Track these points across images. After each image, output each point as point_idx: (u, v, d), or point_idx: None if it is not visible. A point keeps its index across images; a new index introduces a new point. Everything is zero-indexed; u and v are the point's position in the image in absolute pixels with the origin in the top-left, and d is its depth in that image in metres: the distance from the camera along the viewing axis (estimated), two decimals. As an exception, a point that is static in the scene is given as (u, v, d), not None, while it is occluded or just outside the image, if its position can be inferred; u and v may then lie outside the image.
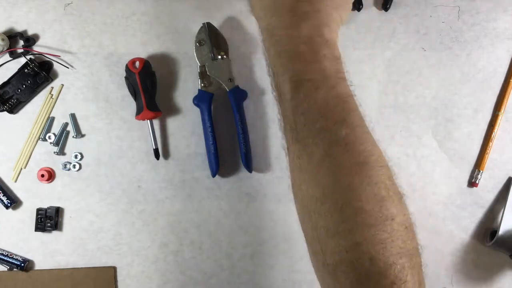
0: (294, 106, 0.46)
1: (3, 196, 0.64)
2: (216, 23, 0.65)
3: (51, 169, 0.66)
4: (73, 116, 0.66)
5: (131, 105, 0.65)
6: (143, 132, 0.66)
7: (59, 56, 0.66)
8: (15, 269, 0.65)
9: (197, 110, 0.64)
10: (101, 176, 0.66)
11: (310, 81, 0.45)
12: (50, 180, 0.65)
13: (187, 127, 0.66)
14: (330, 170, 0.43)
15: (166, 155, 0.66)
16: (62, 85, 0.66)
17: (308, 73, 0.46)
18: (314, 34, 0.47)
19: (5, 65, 0.66)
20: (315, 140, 0.44)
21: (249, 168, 0.64)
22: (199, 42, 0.64)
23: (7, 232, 0.65)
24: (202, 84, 0.64)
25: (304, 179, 0.46)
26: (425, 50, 0.66)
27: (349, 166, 0.43)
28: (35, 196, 0.66)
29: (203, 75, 0.64)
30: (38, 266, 0.65)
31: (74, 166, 0.65)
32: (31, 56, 0.65)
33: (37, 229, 0.65)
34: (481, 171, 0.65)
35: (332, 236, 0.42)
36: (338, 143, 0.44)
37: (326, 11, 0.49)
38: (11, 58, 0.65)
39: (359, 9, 0.66)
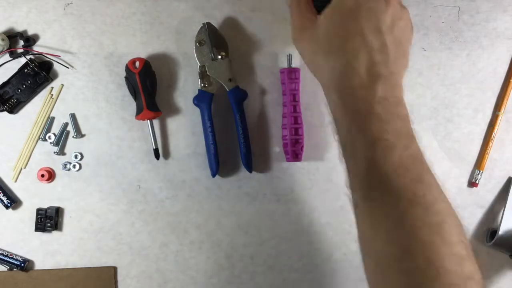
0: (369, 165, 0.46)
1: (3, 196, 0.64)
2: (216, 23, 0.65)
3: (51, 169, 0.66)
4: (73, 116, 0.66)
5: (131, 105, 0.65)
6: (143, 132, 0.65)
7: (59, 56, 0.66)
8: (15, 269, 0.65)
9: (197, 110, 0.64)
10: (101, 176, 0.66)
11: (386, 141, 0.46)
12: (50, 180, 0.65)
13: (187, 127, 0.66)
14: (410, 229, 0.44)
15: (166, 155, 0.66)
16: (62, 85, 0.66)
17: (383, 133, 0.46)
18: (389, 95, 0.48)
19: (5, 65, 0.66)
20: (391, 199, 0.45)
21: (249, 168, 0.64)
22: (199, 42, 0.63)
23: (7, 232, 0.65)
24: (202, 84, 0.64)
25: (378, 236, 0.46)
26: (425, 50, 0.66)
27: (429, 226, 0.43)
28: (35, 196, 0.65)
29: (203, 75, 0.64)
30: (38, 266, 0.65)
31: (74, 166, 0.65)
32: (31, 56, 0.65)
33: (37, 229, 0.65)
34: (481, 171, 0.65)
35: None
36: (417, 202, 0.44)
37: (399, 73, 0.50)
38: (11, 58, 0.65)
39: (359, 9, 0.66)
